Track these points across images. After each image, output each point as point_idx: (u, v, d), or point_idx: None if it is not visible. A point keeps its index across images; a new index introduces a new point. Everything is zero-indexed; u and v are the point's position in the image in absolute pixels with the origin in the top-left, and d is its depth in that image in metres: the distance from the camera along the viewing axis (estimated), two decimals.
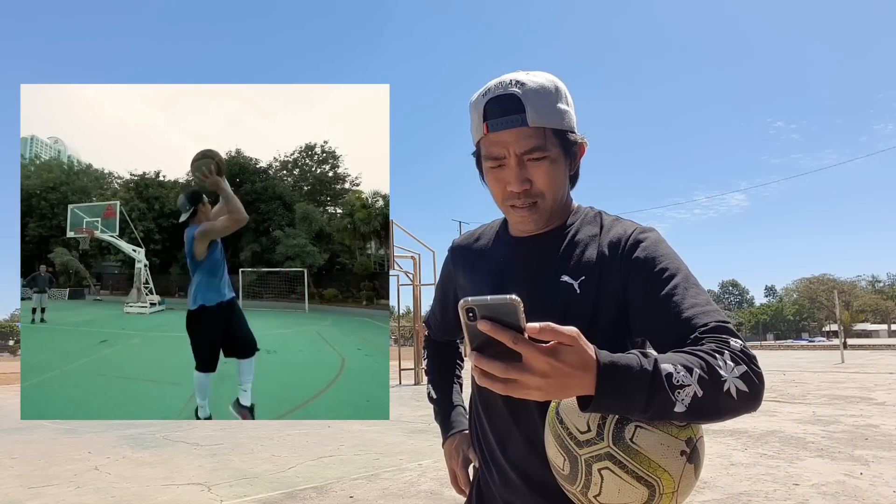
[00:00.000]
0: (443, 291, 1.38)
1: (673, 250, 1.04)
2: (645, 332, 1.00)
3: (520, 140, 1.03)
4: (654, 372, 0.75)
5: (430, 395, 1.46)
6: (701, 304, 0.93)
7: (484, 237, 1.26)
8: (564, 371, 0.71)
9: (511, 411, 1.12)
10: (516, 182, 1.04)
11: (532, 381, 0.70)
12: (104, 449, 7.00)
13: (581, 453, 0.85)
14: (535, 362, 0.70)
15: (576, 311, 1.03)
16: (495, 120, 1.03)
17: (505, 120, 1.03)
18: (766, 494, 4.57)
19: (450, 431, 1.37)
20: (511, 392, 0.72)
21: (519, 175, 1.04)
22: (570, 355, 0.71)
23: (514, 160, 1.04)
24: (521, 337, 0.69)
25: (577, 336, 0.72)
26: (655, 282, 0.98)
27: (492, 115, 1.04)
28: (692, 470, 0.85)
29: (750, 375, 0.81)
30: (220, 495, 4.82)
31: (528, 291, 1.06)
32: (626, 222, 1.11)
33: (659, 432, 0.83)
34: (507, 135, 1.03)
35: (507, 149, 1.04)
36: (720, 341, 0.85)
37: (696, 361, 0.79)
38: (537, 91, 1.03)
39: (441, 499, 4.60)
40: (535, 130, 1.02)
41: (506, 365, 0.70)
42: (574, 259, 1.08)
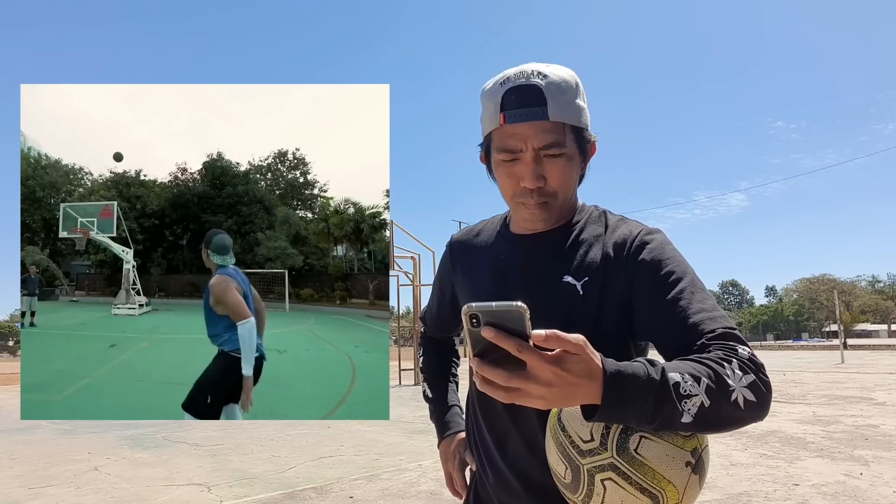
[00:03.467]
0: (440, 287, 1.34)
1: (679, 253, 1.01)
2: (649, 335, 0.97)
3: (539, 134, 0.98)
4: (661, 381, 0.73)
5: (425, 394, 1.42)
6: (708, 309, 0.91)
7: (484, 233, 1.22)
8: (569, 380, 0.69)
9: (510, 413, 1.09)
10: (531, 178, 0.99)
11: (536, 391, 0.68)
12: (104, 449, 7.00)
13: (583, 463, 0.83)
14: (539, 371, 0.68)
15: (578, 313, 1.00)
16: (514, 111, 0.97)
17: (525, 112, 0.97)
18: (766, 494, 4.56)
19: (446, 432, 1.34)
20: (513, 400, 0.70)
21: (535, 171, 0.99)
22: (576, 364, 0.69)
23: (531, 155, 0.99)
24: (525, 345, 0.67)
25: (584, 344, 0.70)
26: (661, 285, 0.95)
27: (510, 105, 0.98)
28: (697, 481, 0.83)
29: (758, 384, 0.79)
30: (220, 496, 4.82)
31: (529, 291, 1.04)
32: (632, 223, 1.07)
33: (664, 443, 0.81)
34: (526, 128, 0.98)
35: (525, 142, 0.98)
36: (728, 349, 0.83)
37: (703, 370, 0.77)
38: (559, 85, 0.98)
39: (441, 499, 4.60)
40: (554, 125, 0.98)
41: (509, 373, 0.68)
42: (577, 259, 1.04)
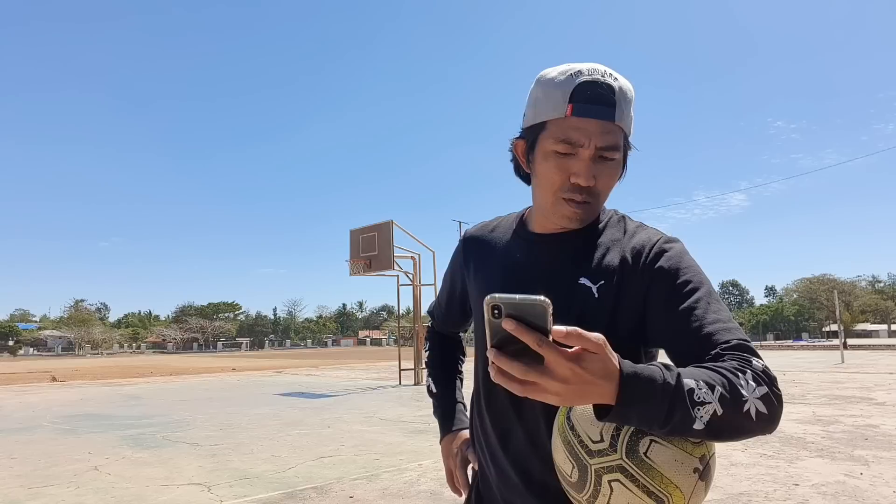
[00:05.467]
0: (451, 282, 1.33)
1: (696, 263, 1.00)
2: (663, 343, 0.97)
3: (604, 134, 0.97)
4: (676, 386, 0.73)
5: (429, 389, 1.41)
6: (723, 320, 0.90)
7: (499, 230, 1.21)
8: (586, 378, 0.69)
9: (514, 408, 1.09)
10: (586, 175, 0.98)
11: (552, 386, 0.68)
12: (104, 449, 7.00)
13: (591, 463, 0.83)
14: (557, 367, 0.68)
15: (592, 316, 1.00)
16: (586, 105, 0.96)
17: (598, 108, 0.96)
18: (766, 494, 4.57)
19: (449, 429, 1.34)
20: (528, 394, 0.70)
21: (591, 169, 0.98)
22: (594, 363, 0.69)
23: (591, 152, 0.97)
24: (545, 339, 0.67)
25: (604, 344, 0.70)
26: (678, 294, 0.94)
27: (582, 98, 0.96)
28: (703, 487, 0.83)
29: (770, 397, 0.79)
30: (220, 495, 4.82)
31: (543, 290, 1.05)
32: (651, 230, 1.07)
33: (674, 448, 0.81)
34: (594, 125, 0.96)
35: (589, 139, 0.97)
36: (743, 360, 0.82)
37: (718, 379, 0.77)
38: (625, 91, 0.99)
39: (441, 499, 4.60)
40: (618, 129, 0.98)
41: (526, 366, 0.68)
42: (594, 262, 1.03)
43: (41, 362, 44.92)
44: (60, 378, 22.02)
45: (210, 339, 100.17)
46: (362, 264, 16.49)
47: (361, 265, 16.52)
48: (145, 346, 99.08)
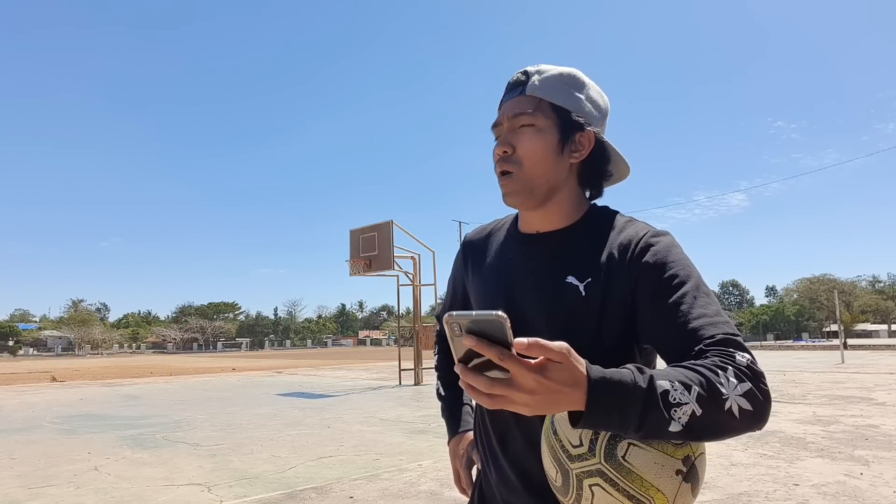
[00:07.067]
0: (453, 287, 1.35)
1: (686, 256, 0.99)
2: (651, 340, 0.96)
3: (512, 105, 1.06)
4: (648, 389, 0.72)
5: (438, 392, 1.42)
6: (710, 314, 0.88)
7: (496, 232, 1.22)
8: (553, 388, 0.69)
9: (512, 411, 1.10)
10: (501, 143, 1.05)
11: (519, 398, 0.69)
12: (104, 449, 7.00)
13: (572, 467, 0.83)
14: (522, 379, 0.68)
15: (580, 315, 0.99)
16: (504, 96, 1.09)
17: (510, 93, 1.08)
18: (766, 494, 4.56)
19: (456, 430, 1.35)
20: (498, 406, 0.70)
21: (504, 139, 1.05)
22: (559, 372, 0.69)
23: (506, 126, 1.06)
24: (507, 353, 0.67)
25: (568, 352, 0.70)
26: (664, 288, 0.93)
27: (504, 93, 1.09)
28: (689, 489, 0.82)
29: (754, 393, 0.77)
30: (220, 496, 4.82)
31: (532, 291, 1.05)
32: (640, 224, 1.05)
33: (653, 451, 0.80)
34: (507, 105, 1.07)
35: (503, 116, 1.06)
36: (726, 355, 0.81)
37: (695, 378, 0.76)
38: (550, 73, 1.05)
39: (441, 499, 4.60)
40: (529, 98, 1.04)
41: (491, 381, 0.69)
42: (581, 260, 1.03)
43: (41, 362, 44.91)
44: (60, 378, 22.02)
45: (210, 339, 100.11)
46: (362, 264, 16.49)
47: (361, 265, 16.51)
48: (145, 346, 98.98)
